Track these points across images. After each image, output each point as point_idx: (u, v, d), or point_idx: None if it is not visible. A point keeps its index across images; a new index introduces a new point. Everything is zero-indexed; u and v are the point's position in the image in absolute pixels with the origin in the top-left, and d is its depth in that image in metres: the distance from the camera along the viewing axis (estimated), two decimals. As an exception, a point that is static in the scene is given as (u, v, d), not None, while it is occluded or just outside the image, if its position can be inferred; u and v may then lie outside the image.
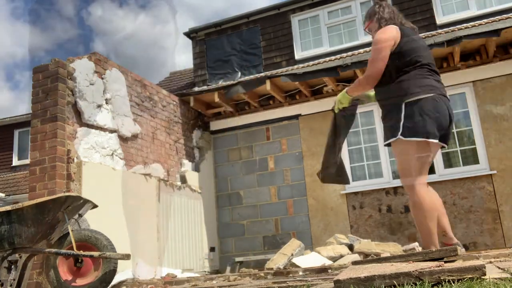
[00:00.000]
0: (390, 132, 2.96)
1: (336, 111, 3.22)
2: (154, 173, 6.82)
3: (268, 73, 7.97)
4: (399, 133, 2.86)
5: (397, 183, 7.34)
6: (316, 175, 3.61)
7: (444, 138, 2.97)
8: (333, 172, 3.43)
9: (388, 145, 3.02)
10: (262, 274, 4.37)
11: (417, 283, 1.96)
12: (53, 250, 3.39)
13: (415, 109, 2.84)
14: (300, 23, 8.58)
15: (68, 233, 3.42)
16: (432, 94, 2.87)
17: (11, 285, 3.57)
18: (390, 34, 2.95)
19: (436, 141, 2.87)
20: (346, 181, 3.59)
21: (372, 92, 3.23)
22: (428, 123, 2.82)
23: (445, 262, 2.40)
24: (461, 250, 2.76)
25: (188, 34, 9.15)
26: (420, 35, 7.45)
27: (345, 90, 3.13)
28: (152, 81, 8.25)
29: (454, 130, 7.27)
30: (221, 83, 8.47)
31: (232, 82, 8.11)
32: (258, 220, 8.12)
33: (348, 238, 6.17)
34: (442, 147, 3.04)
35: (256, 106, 8.38)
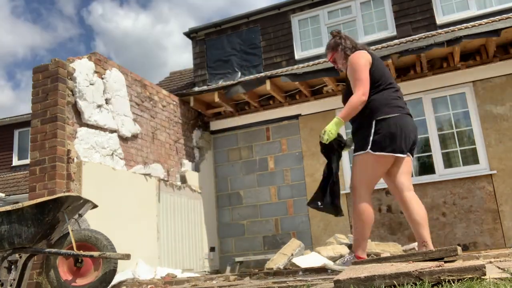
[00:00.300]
0: (359, 145, 3.23)
1: (326, 142, 3.24)
2: (154, 173, 6.82)
3: (268, 73, 7.97)
4: (369, 147, 3.15)
5: (397, 183, 7.34)
6: (310, 202, 3.53)
7: (411, 152, 3.29)
8: (328, 203, 3.42)
9: None
10: (262, 274, 4.37)
11: (417, 283, 1.96)
12: (53, 250, 3.39)
13: (384, 126, 3.13)
14: (300, 23, 8.58)
15: (68, 233, 3.42)
16: (399, 114, 3.18)
17: (11, 285, 3.57)
18: (367, 57, 3.25)
19: (404, 155, 3.19)
20: (340, 214, 3.53)
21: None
22: (395, 140, 3.12)
23: (445, 262, 2.40)
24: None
25: (188, 34, 9.15)
26: (420, 35, 7.49)
27: (336, 117, 3.22)
28: (152, 81, 8.25)
29: (454, 130, 7.28)
30: (221, 83, 8.47)
31: (232, 82, 8.11)
32: (258, 220, 8.12)
33: (348, 238, 6.17)
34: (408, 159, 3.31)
35: (256, 106, 8.38)
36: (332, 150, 3.35)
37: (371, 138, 3.13)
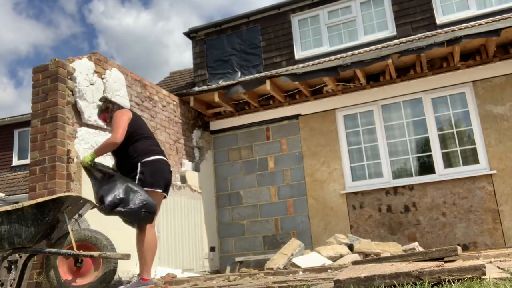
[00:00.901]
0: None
1: (85, 165, 3.77)
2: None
3: (268, 73, 7.97)
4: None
5: (397, 183, 7.35)
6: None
7: (166, 190, 3.94)
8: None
9: None
10: (262, 274, 4.38)
11: (417, 283, 1.96)
12: (53, 250, 3.39)
13: (147, 167, 3.77)
14: (300, 23, 8.58)
15: (68, 233, 3.42)
16: (158, 157, 3.87)
17: (11, 285, 3.57)
18: (128, 114, 3.94)
19: (161, 190, 3.84)
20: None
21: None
22: (155, 177, 3.79)
23: (445, 262, 2.41)
24: None
25: (188, 34, 9.15)
26: (420, 35, 7.49)
27: (93, 150, 3.89)
28: (154, 79, 8.24)
29: (454, 130, 7.28)
30: (221, 83, 8.47)
31: (232, 82, 8.11)
32: (258, 220, 8.12)
33: (348, 238, 6.18)
34: (164, 198, 3.97)
35: (256, 106, 8.38)
36: (92, 174, 3.79)
37: (137, 176, 3.73)
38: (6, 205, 3.61)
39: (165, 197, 3.99)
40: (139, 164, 3.77)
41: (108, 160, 4.72)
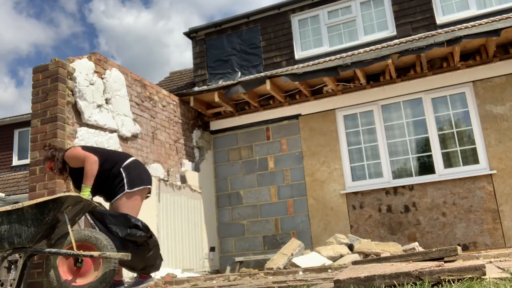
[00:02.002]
0: (116, 192, 3.96)
1: (86, 197, 3.80)
2: (154, 173, 6.82)
3: (268, 73, 7.97)
4: (126, 188, 3.93)
5: (397, 183, 7.35)
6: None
7: (150, 182, 4.17)
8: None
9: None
10: (262, 274, 4.38)
11: (417, 283, 1.96)
12: (53, 250, 3.39)
13: (129, 169, 4.01)
14: (300, 23, 8.58)
15: (68, 233, 3.41)
16: (133, 158, 4.15)
17: (11, 285, 3.57)
18: (78, 148, 4.13)
19: (150, 186, 4.13)
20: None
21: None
22: (140, 176, 4.05)
23: (445, 262, 2.41)
24: None
25: (188, 34, 9.15)
26: (420, 35, 7.49)
27: (82, 184, 3.91)
28: (155, 79, 8.24)
29: (454, 130, 7.28)
30: (221, 83, 8.47)
31: (232, 82, 8.11)
32: (258, 220, 8.12)
33: (348, 238, 6.18)
34: (149, 192, 4.19)
35: (256, 106, 8.38)
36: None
37: (124, 181, 3.94)
38: (6, 205, 3.61)
39: (149, 191, 4.18)
40: (121, 169, 3.98)
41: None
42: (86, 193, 3.84)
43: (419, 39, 7.06)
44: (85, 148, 4.17)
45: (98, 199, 4.10)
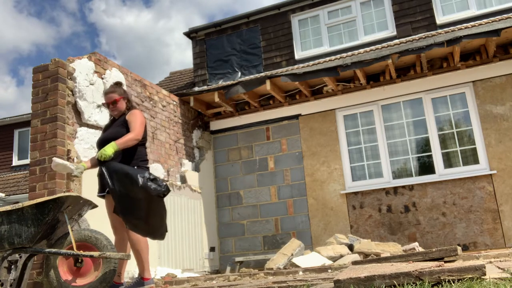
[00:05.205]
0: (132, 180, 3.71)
1: (102, 159, 3.65)
2: (154, 173, 6.81)
3: (268, 73, 7.97)
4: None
5: (397, 183, 7.35)
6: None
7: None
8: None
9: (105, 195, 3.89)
10: (262, 274, 4.38)
11: (417, 283, 1.96)
12: (53, 250, 3.39)
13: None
14: (300, 23, 8.58)
15: (68, 233, 3.42)
16: (147, 167, 4.07)
17: (11, 285, 3.57)
18: (144, 116, 4.05)
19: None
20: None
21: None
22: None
23: (445, 262, 2.41)
24: None
25: (188, 34, 9.15)
26: (420, 35, 7.49)
27: (114, 142, 3.72)
28: (155, 79, 8.25)
29: (454, 130, 7.28)
30: (221, 83, 8.47)
31: (232, 82, 8.11)
32: (258, 220, 8.12)
33: (348, 238, 6.18)
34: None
35: (256, 106, 8.38)
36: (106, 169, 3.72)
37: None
38: (6, 205, 3.61)
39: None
40: (134, 167, 3.90)
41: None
42: (110, 150, 3.67)
43: (419, 39, 7.06)
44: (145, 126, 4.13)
45: (94, 197, 4.09)
